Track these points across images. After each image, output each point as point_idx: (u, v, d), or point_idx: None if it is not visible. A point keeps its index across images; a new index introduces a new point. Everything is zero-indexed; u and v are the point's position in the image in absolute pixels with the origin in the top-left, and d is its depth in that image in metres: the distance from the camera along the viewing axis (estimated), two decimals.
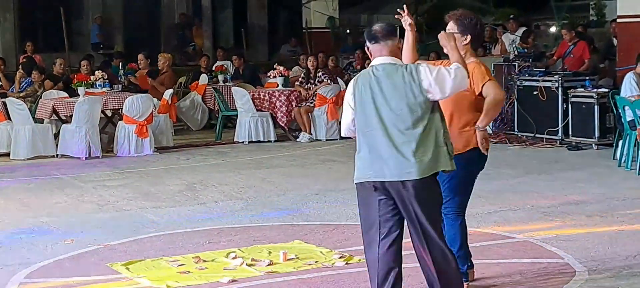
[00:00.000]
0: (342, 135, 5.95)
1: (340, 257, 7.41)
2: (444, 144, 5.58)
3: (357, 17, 30.41)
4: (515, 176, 11.52)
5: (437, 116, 5.60)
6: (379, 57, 5.68)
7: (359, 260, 7.33)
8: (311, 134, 15.49)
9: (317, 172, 12.20)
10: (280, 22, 29.86)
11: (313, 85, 15.72)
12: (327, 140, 15.29)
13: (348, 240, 8.11)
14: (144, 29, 25.93)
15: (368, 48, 5.78)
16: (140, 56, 17.23)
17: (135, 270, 7.21)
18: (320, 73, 15.94)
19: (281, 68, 16.35)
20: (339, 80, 16.69)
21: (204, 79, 17.99)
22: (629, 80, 11.83)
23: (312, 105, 15.53)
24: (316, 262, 7.35)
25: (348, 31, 27.12)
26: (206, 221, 9.14)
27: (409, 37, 6.16)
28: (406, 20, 6.08)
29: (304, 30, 24.33)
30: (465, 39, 6.44)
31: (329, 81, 15.86)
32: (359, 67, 18.67)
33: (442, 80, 5.55)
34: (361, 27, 27.93)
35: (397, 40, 5.77)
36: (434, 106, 5.59)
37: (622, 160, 11.97)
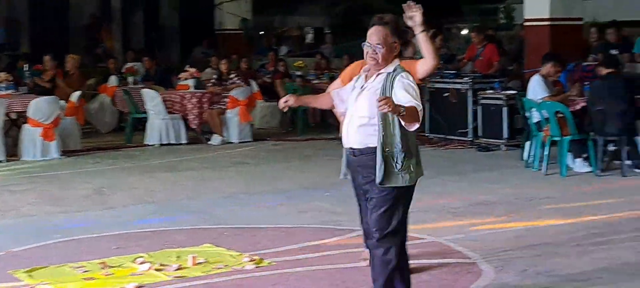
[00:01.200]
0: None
1: (250, 260, 7.37)
2: None
3: (271, 19, 30.39)
4: (426, 177, 11.52)
5: None
6: None
7: (270, 263, 7.33)
8: (223, 136, 15.42)
9: (228, 175, 12.15)
10: (192, 24, 29.65)
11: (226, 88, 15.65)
12: (239, 142, 15.24)
13: (259, 243, 8.08)
14: (52, 30, 25.45)
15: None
16: (46, 58, 16.85)
17: (37, 276, 7.04)
18: (232, 75, 15.87)
19: (193, 70, 16.25)
20: (252, 82, 16.65)
21: (113, 80, 17.76)
22: (536, 82, 12.04)
23: (224, 107, 15.46)
24: (226, 265, 7.30)
25: (261, 33, 27.10)
26: (114, 226, 8.99)
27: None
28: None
29: (216, 32, 24.23)
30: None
31: (241, 83, 15.80)
32: (271, 69, 18.66)
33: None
34: (275, 29, 27.95)
35: None
36: None
37: (530, 161, 12.19)
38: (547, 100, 11.71)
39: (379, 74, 5.70)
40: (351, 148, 5.73)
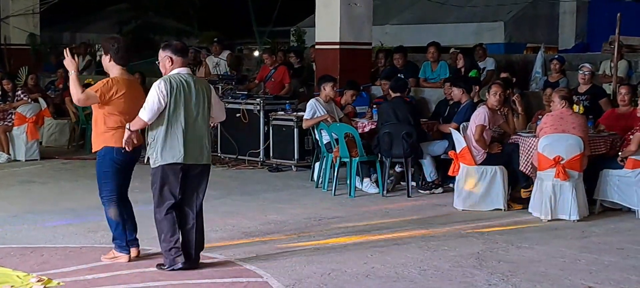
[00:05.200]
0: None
1: (38, 281, 7.24)
2: None
3: (59, 35, 29.77)
4: (217, 197, 11.70)
5: None
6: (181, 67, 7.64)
7: (59, 283, 7.23)
8: (9, 154, 15.01)
9: (14, 194, 11.85)
10: None
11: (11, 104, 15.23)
12: (26, 160, 14.88)
13: (47, 262, 7.95)
14: None
15: (171, 58, 7.61)
16: None
17: None
18: (19, 91, 15.46)
19: None
20: (40, 99, 16.27)
21: None
22: (312, 104, 12.47)
23: (10, 124, 15.05)
24: (12, 286, 7.15)
25: (49, 49, 26.45)
26: None
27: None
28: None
29: (2, 47, 23.50)
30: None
31: (28, 99, 15.43)
32: (60, 86, 18.27)
33: None
34: (63, 45, 27.34)
35: None
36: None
37: (319, 182, 12.49)
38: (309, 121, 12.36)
39: None
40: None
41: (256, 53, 23.03)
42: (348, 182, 11.93)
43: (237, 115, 14.79)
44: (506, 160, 10.87)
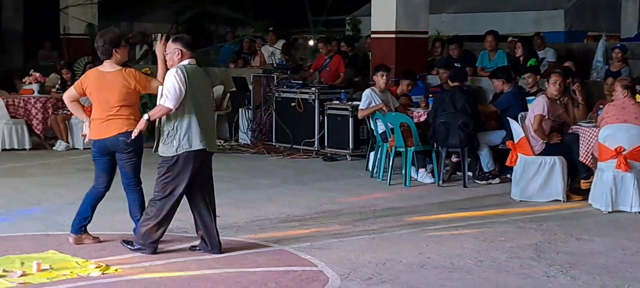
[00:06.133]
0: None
1: (96, 267, 7.30)
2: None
3: (117, 25, 29.97)
4: (271, 186, 11.73)
5: None
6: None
7: (116, 270, 7.28)
8: (68, 143, 15.16)
9: (73, 182, 11.95)
10: (37, 27, 28.98)
11: None
12: (84, 149, 15.00)
13: (104, 249, 8.02)
14: None
15: (180, 51, 7.69)
16: None
17: None
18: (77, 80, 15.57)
19: (37, 74, 15.90)
20: None
21: None
22: (367, 94, 12.41)
23: (69, 113, 15.18)
24: (71, 272, 7.21)
25: None
26: None
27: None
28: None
29: (61, 36, 23.74)
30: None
31: None
32: None
33: None
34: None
35: None
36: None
37: (374, 171, 12.44)
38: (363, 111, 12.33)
39: None
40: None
41: (311, 42, 22.98)
42: (403, 171, 11.86)
43: (292, 104, 14.80)
44: (566, 151, 10.73)
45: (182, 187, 7.70)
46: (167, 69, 7.76)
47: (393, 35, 15.03)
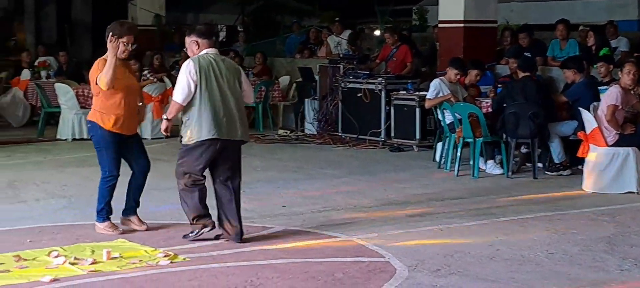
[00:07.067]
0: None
1: (164, 256, 7.34)
2: None
3: (183, 16, 30.21)
4: (338, 176, 11.70)
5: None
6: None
7: (184, 259, 7.31)
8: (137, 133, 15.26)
9: None
10: (105, 18, 29.33)
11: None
12: (152, 138, 15.13)
13: (172, 238, 8.05)
14: None
15: (197, 41, 7.82)
16: None
17: None
18: (145, 71, 15.72)
19: None
20: (165, 78, 16.52)
21: (26, 74, 17.51)
22: (436, 84, 12.30)
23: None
24: (140, 260, 7.26)
25: (173, 30, 26.89)
26: (27, 219, 8.89)
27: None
28: None
29: None
30: None
31: (154, 79, 15.68)
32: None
33: None
34: (187, 25, 27.74)
35: None
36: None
37: (441, 162, 12.34)
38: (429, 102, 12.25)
39: None
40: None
41: (377, 32, 22.92)
42: (471, 162, 11.75)
43: (359, 94, 14.76)
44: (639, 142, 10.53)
45: (199, 173, 7.82)
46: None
47: (461, 25, 14.89)
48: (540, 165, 11.74)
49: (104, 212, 8.29)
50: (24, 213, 9.27)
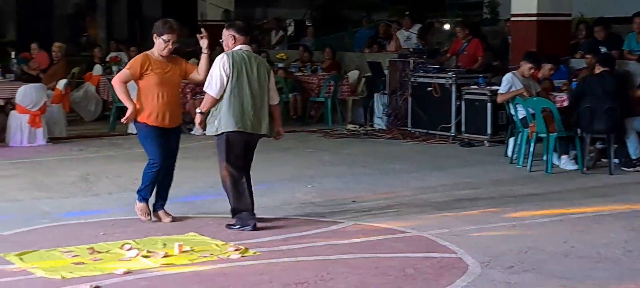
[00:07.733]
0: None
1: (235, 250, 7.35)
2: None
3: (252, 11, 30.31)
4: (408, 171, 11.62)
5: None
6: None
7: (255, 252, 7.32)
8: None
9: (210, 165, 11.98)
10: (174, 14, 29.55)
11: None
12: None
13: (243, 233, 8.06)
14: (38, 18, 25.36)
15: (234, 36, 8.19)
16: (33, 46, 16.91)
17: (28, 260, 7.03)
18: None
19: None
20: None
21: (98, 69, 17.74)
22: (503, 78, 12.14)
23: None
24: (211, 254, 7.28)
25: None
26: (100, 212, 9.00)
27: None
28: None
29: (198, 23, 24.11)
30: None
31: None
32: None
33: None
34: (256, 21, 27.84)
35: None
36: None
37: (514, 157, 12.18)
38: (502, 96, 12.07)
39: None
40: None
41: (447, 26, 22.75)
42: (545, 158, 11.58)
43: (429, 89, 14.66)
44: None
45: (231, 163, 8.12)
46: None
47: (534, 18, 14.68)
48: (616, 160, 11.51)
49: (143, 193, 8.54)
50: (97, 206, 9.40)
